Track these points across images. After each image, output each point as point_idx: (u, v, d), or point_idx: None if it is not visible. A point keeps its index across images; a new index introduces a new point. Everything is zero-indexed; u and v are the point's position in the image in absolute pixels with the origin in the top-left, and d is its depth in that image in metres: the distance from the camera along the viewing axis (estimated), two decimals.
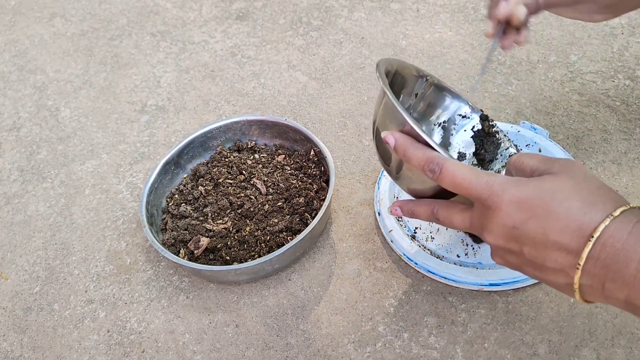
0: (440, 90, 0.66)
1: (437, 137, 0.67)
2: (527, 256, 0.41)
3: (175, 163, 0.78)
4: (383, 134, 0.51)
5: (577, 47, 0.90)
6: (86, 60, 1.05)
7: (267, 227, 0.70)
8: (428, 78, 0.64)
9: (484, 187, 0.43)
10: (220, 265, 0.67)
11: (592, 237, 0.38)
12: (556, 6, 0.61)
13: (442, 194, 0.51)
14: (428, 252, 0.67)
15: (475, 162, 0.65)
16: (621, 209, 0.38)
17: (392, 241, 0.68)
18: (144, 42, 1.07)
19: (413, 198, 0.55)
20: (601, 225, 0.38)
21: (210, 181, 0.77)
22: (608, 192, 0.40)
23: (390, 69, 0.58)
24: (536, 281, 0.63)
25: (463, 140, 0.67)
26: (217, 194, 0.75)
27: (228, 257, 0.67)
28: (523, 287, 0.63)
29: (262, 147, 0.81)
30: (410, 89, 0.63)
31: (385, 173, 0.74)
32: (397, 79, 0.60)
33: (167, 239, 0.70)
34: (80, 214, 0.80)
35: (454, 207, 0.48)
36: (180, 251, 0.69)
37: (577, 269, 0.39)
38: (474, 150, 0.65)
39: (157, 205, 0.75)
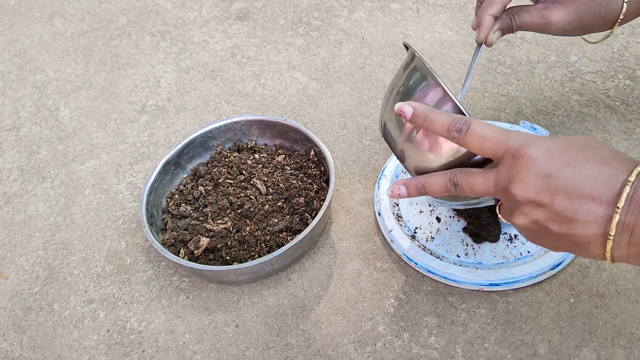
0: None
1: None
2: (557, 208, 0.41)
3: (175, 163, 0.78)
4: (398, 105, 0.49)
5: (577, 47, 0.90)
6: (86, 60, 1.05)
7: (267, 227, 0.70)
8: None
9: (515, 139, 0.43)
10: (220, 265, 0.67)
11: (629, 181, 0.40)
12: (529, 30, 0.64)
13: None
14: (428, 252, 0.67)
15: None
16: None
17: (392, 241, 0.68)
18: (144, 42, 1.07)
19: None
20: (635, 170, 0.40)
21: (210, 181, 0.77)
22: (622, 153, 0.43)
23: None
24: (536, 281, 0.63)
25: None
26: (217, 194, 0.75)
27: (228, 257, 0.67)
28: (523, 287, 0.63)
29: (262, 147, 0.81)
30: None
31: (385, 172, 0.74)
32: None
33: (167, 239, 0.70)
34: (80, 214, 0.80)
35: (474, 170, 0.47)
36: (180, 251, 0.69)
37: (616, 212, 0.40)
38: None
39: (157, 205, 0.75)
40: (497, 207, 0.50)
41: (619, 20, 0.63)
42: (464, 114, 0.49)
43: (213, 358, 0.63)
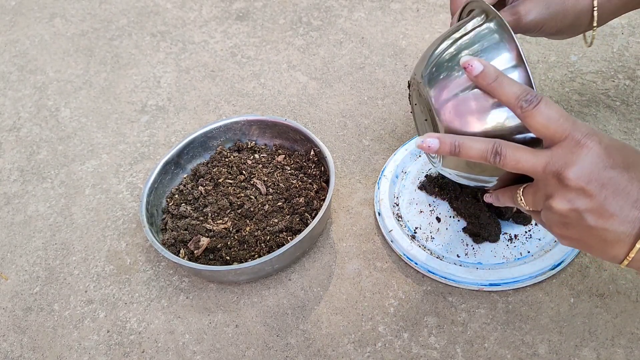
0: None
1: None
2: (603, 200, 0.43)
3: (175, 163, 0.78)
4: (466, 58, 0.47)
5: (577, 47, 0.90)
6: (86, 60, 1.05)
7: (267, 227, 0.70)
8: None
9: (581, 127, 0.44)
10: (220, 265, 0.67)
11: None
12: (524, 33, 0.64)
13: None
14: (428, 252, 0.67)
15: None
16: None
17: (392, 241, 0.68)
18: (144, 42, 1.07)
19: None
20: None
21: (210, 181, 0.77)
22: None
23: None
24: (536, 281, 0.63)
25: None
26: (217, 194, 0.75)
27: (228, 257, 0.67)
28: (523, 287, 0.63)
29: (262, 147, 0.81)
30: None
31: (385, 172, 0.74)
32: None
33: (167, 239, 0.70)
34: (80, 214, 0.80)
35: (522, 146, 0.46)
36: (180, 251, 0.69)
37: None
38: None
39: (157, 205, 0.75)
40: (522, 189, 0.49)
41: (594, 9, 0.62)
42: (533, 88, 0.47)
43: (213, 358, 0.63)
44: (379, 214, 0.71)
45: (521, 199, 0.49)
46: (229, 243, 0.69)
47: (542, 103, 0.44)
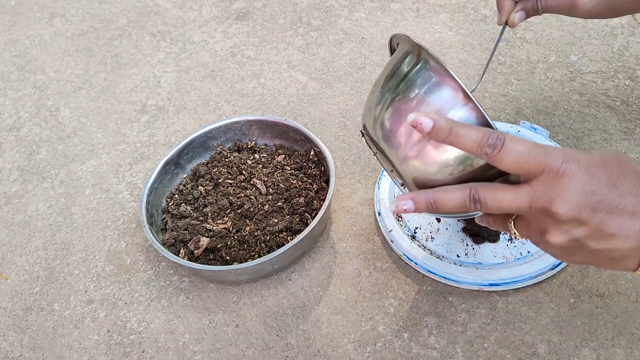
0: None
1: None
2: (599, 224, 0.40)
3: (175, 163, 0.78)
4: (412, 117, 0.42)
5: (577, 47, 0.90)
6: (86, 60, 1.05)
7: (267, 227, 0.70)
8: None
9: (554, 155, 0.40)
10: (220, 265, 0.67)
11: None
12: (555, 12, 0.62)
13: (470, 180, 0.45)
14: (428, 252, 0.67)
15: None
16: None
17: (392, 241, 0.68)
18: (144, 42, 1.07)
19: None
20: None
21: (210, 181, 0.77)
22: None
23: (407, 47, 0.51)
24: (536, 281, 0.63)
25: None
26: (217, 194, 0.75)
27: (228, 257, 0.67)
28: (523, 287, 0.63)
29: (262, 147, 0.81)
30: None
31: (385, 172, 0.74)
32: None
33: (167, 239, 0.70)
34: (80, 214, 0.80)
35: (500, 186, 0.42)
36: (180, 251, 0.69)
37: None
38: None
39: (157, 205, 0.75)
40: (513, 221, 0.46)
41: None
42: (490, 126, 0.44)
43: (213, 358, 0.63)
44: (379, 214, 0.71)
45: (515, 232, 0.46)
46: (229, 243, 0.69)
47: (507, 142, 0.41)
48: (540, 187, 0.41)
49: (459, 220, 0.69)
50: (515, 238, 0.60)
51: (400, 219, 0.71)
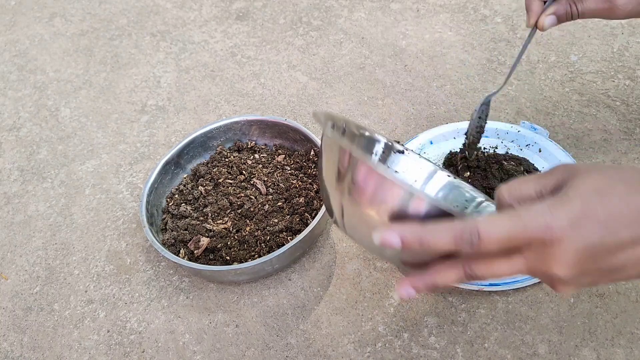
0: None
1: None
2: (605, 267, 0.40)
3: (175, 163, 0.78)
4: (377, 237, 0.40)
5: (577, 47, 0.90)
6: (86, 60, 1.05)
7: (267, 227, 0.70)
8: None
9: (534, 223, 0.38)
10: (220, 265, 0.67)
11: None
12: (592, 17, 0.60)
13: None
14: None
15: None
16: None
17: None
18: (144, 42, 1.07)
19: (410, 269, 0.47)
20: None
21: (210, 181, 0.77)
22: (635, 171, 0.40)
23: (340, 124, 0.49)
24: (536, 281, 0.63)
25: None
26: (217, 194, 0.75)
27: (228, 257, 0.67)
28: (523, 287, 0.63)
29: (262, 147, 0.81)
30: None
31: None
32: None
33: (167, 239, 0.70)
34: (80, 214, 0.80)
35: (491, 257, 0.41)
36: (180, 251, 0.69)
37: None
38: None
39: (157, 205, 0.75)
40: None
41: None
42: (450, 214, 0.41)
43: (213, 358, 0.63)
44: None
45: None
46: (229, 243, 0.69)
47: (482, 233, 0.38)
48: (532, 256, 0.40)
49: None
50: None
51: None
